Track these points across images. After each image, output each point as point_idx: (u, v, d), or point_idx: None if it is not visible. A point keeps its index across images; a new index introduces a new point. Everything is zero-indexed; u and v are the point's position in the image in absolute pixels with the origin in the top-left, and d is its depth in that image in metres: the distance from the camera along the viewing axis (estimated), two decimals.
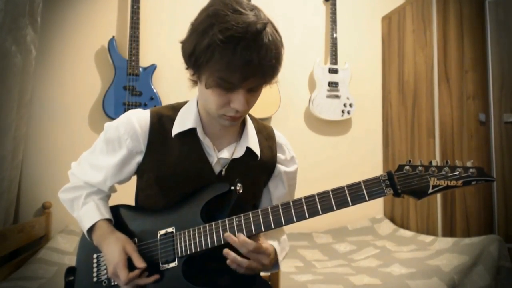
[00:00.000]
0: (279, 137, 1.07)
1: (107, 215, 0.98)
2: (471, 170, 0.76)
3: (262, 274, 1.13)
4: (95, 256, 0.98)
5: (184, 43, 0.87)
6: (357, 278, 1.71)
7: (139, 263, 0.87)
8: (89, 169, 1.01)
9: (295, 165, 1.07)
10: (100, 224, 0.95)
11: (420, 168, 0.79)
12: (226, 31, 0.76)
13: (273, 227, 0.84)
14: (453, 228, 2.30)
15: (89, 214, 0.97)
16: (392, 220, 2.68)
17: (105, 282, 0.94)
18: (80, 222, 0.99)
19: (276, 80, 0.89)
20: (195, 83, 0.92)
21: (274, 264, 0.92)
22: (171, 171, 0.93)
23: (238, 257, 0.82)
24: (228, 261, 0.82)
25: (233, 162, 0.96)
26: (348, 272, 1.84)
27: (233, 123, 0.91)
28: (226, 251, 0.82)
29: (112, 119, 2.21)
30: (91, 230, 0.96)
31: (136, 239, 0.94)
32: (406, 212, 2.59)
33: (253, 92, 0.85)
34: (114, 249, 0.89)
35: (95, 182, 1.00)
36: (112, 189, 1.04)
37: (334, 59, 2.69)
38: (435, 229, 2.31)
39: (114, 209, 1.02)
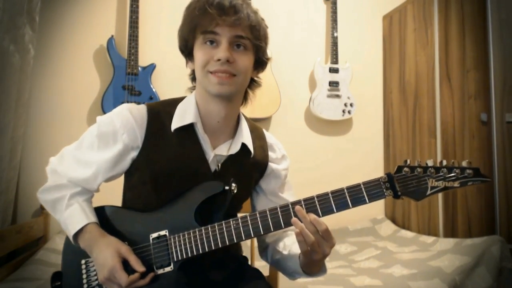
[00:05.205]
0: (269, 137, 1.09)
1: (94, 218, 0.92)
2: (467, 171, 0.78)
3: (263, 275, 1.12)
4: (83, 261, 0.93)
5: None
6: (358, 279, 1.69)
7: (139, 266, 0.84)
8: (75, 165, 0.95)
9: (286, 163, 1.09)
10: (89, 228, 0.90)
11: (418, 169, 0.79)
12: None
13: (272, 229, 0.82)
14: (455, 229, 2.28)
15: (75, 217, 0.91)
16: (393, 220, 2.66)
17: None
18: (64, 225, 0.93)
19: (262, 40, 0.93)
20: (194, 76, 0.97)
21: (322, 266, 0.89)
22: (167, 167, 0.91)
23: (306, 229, 0.78)
24: (296, 231, 0.79)
25: (229, 159, 0.96)
26: (349, 273, 1.83)
27: (221, 83, 0.88)
28: (294, 219, 0.80)
29: None
30: (76, 234, 0.90)
31: (126, 243, 0.89)
32: (407, 213, 2.58)
33: (237, 49, 0.90)
34: (106, 253, 0.84)
35: (83, 179, 0.94)
36: (98, 188, 0.98)
37: (334, 58, 2.68)
38: (437, 229, 2.30)
39: (99, 211, 0.96)
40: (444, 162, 0.79)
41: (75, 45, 2.32)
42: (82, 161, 0.95)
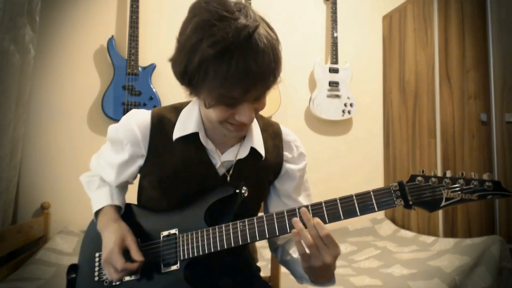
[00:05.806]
0: (286, 134, 1.02)
1: (117, 202, 0.97)
2: (487, 183, 0.72)
3: (262, 275, 1.12)
4: (97, 254, 0.96)
5: (173, 61, 0.81)
6: (358, 279, 1.69)
7: (137, 256, 0.85)
8: (102, 164, 1.02)
9: (303, 162, 1.03)
10: (107, 210, 0.95)
11: (433, 179, 0.74)
12: (216, 44, 0.70)
13: (277, 233, 0.81)
14: (454, 229, 2.29)
15: (100, 197, 0.97)
16: (393, 220, 2.67)
17: (106, 282, 0.92)
18: (92, 204, 0.99)
19: (279, 81, 0.83)
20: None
21: (331, 277, 0.84)
22: (174, 174, 0.91)
23: (305, 231, 0.76)
24: (294, 231, 0.77)
25: (238, 164, 0.93)
26: (349, 273, 1.83)
27: (240, 133, 0.85)
28: (295, 219, 0.78)
29: (111, 118, 2.20)
30: (98, 214, 0.96)
31: (139, 239, 0.92)
32: (407, 213, 2.58)
33: (258, 100, 0.80)
34: (112, 237, 0.87)
35: (106, 179, 1.01)
36: (130, 181, 1.03)
37: (334, 58, 2.68)
38: (436, 229, 2.30)
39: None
40: (464, 174, 0.74)
41: (75, 45, 2.32)
42: (103, 161, 1.02)
